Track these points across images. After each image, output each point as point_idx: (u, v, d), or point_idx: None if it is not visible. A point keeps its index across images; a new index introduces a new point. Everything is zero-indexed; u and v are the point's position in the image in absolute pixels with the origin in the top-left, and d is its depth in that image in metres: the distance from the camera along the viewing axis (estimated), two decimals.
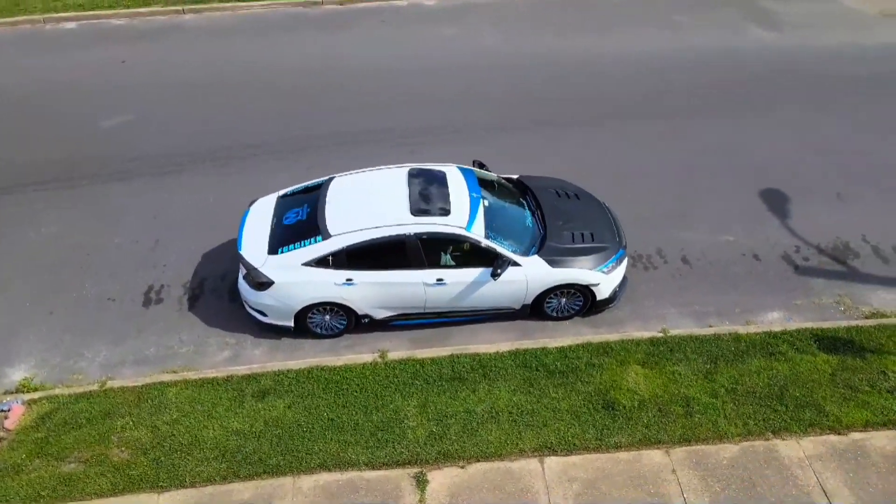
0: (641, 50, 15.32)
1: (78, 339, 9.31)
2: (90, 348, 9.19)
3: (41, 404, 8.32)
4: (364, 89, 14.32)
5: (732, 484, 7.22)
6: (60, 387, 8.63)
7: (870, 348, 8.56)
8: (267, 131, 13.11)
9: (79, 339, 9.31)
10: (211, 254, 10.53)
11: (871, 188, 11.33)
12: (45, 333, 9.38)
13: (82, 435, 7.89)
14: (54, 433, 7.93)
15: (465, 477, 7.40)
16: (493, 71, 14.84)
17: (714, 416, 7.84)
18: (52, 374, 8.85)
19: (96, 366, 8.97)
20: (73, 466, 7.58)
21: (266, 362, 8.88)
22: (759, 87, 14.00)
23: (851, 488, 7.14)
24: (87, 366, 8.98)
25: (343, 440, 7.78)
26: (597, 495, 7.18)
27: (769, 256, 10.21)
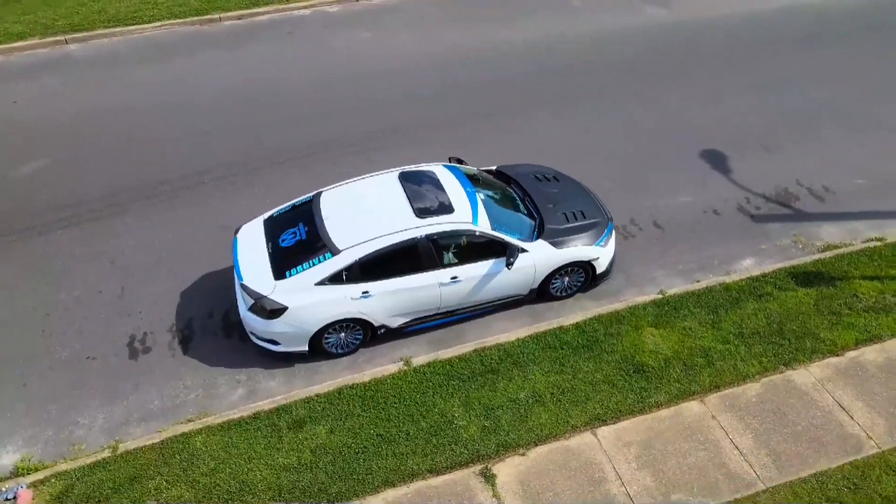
0: (548, 35, 15.98)
1: (66, 406, 8.42)
2: (84, 414, 8.34)
3: (51, 484, 7.47)
4: (296, 102, 13.90)
5: (766, 418, 7.88)
6: (65, 461, 7.79)
7: (837, 276, 9.60)
8: (206, 157, 12.39)
9: (67, 406, 8.42)
10: (188, 292, 9.87)
11: (787, 139, 12.60)
12: (26, 408, 8.40)
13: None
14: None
15: (528, 463, 7.54)
16: (418, 69, 14.90)
17: (732, 361, 8.50)
18: (49, 450, 7.96)
19: (97, 431, 8.17)
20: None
21: (289, 391, 8.50)
22: (666, 60, 15.08)
23: (863, 400, 8.03)
24: (87, 433, 8.15)
25: (399, 452, 7.65)
26: (655, 454, 7.57)
27: (726, 210, 11.12)
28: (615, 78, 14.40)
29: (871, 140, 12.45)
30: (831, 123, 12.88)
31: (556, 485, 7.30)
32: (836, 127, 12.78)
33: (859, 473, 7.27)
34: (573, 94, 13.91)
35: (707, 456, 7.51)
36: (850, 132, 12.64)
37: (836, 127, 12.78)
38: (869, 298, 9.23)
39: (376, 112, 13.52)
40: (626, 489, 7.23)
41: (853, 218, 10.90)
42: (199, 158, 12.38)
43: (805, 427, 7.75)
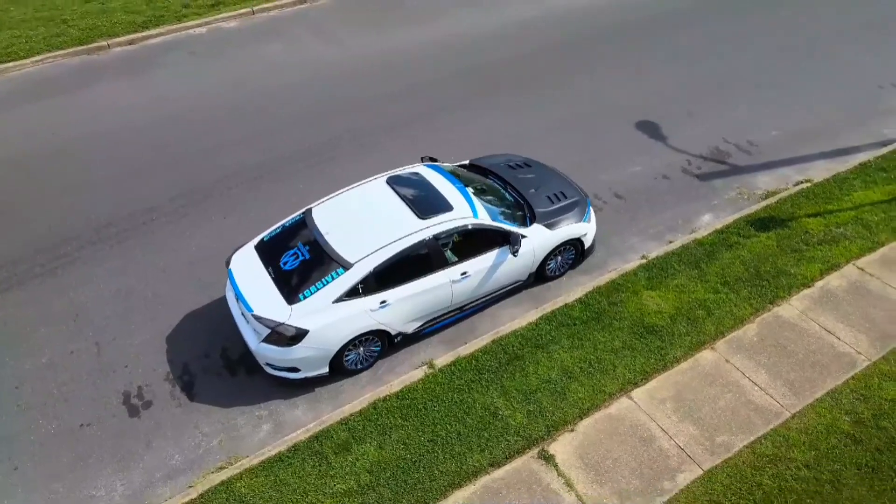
0: (460, 31, 16.32)
1: (74, 482, 7.59)
2: (98, 485, 7.57)
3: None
4: (226, 123, 13.24)
5: (771, 353, 8.63)
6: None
7: (786, 218, 10.64)
8: (146, 193, 11.53)
9: (75, 481, 7.59)
10: (174, 336, 9.19)
11: (705, 104, 13.69)
12: (26, 493, 7.48)
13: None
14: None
15: (580, 437, 7.78)
16: (341, 77, 14.69)
17: (727, 307, 9.20)
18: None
19: (120, 500, 7.45)
20: None
21: (318, 417, 8.19)
22: (580, 45, 15.87)
23: (842, 322, 9.00)
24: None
25: (455, 453, 7.62)
26: (688, 404, 8.07)
27: (673, 174, 11.94)
28: (537, 67, 14.95)
29: (773, 97, 13.80)
30: (739, 86, 14.15)
31: (611, 451, 7.60)
32: (743, 89, 14.07)
33: (862, 385, 8.18)
34: (501, 84, 14.30)
35: (734, 397, 8.13)
36: (755, 92, 13.96)
37: (743, 89, 14.07)
38: (818, 233, 10.32)
39: (314, 123, 13.21)
40: (675, 441, 7.68)
41: (779, 165, 12.09)
42: (139, 195, 11.51)
43: (805, 354, 8.59)
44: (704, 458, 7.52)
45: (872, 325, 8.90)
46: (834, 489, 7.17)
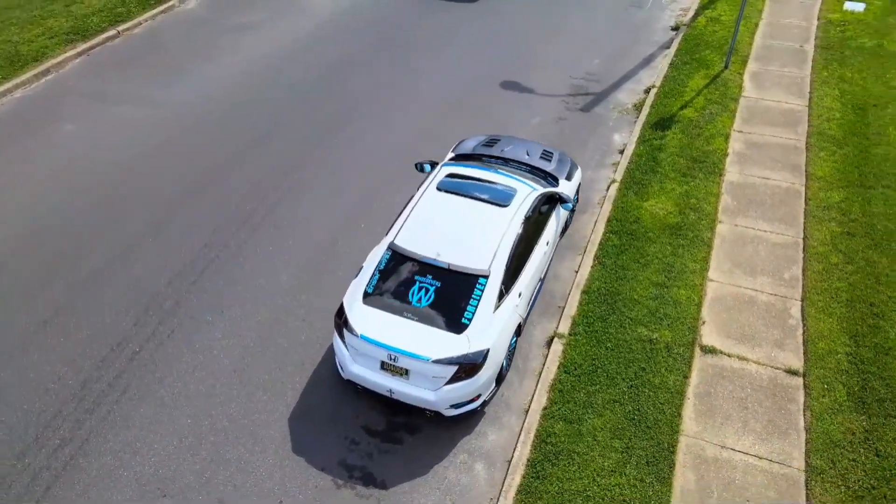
0: (258, 56, 15.56)
1: None
2: None
3: None
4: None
5: (749, 202, 10.92)
6: None
7: (668, 115, 13.09)
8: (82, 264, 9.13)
9: None
10: (300, 446, 7.81)
11: (531, 59, 15.59)
12: None
13: None
14: None
15: (712, 324, 9.02)
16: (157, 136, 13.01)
17: (702, 190, 11.21)
18: None
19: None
20: None
21: (514, 428, 7.98)
22: (390, 41, 16.39)
23: (764, 166, 11.74)
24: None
25: (655, 385, 8.25)
26: (746, 264, 9.90)
27: (565, 115, 13.56)
28: (352, 65, 15.16)
29: (569, 38, 16.34)
30: (542, 36, 16.36)
31: (740, 321, 9.05)
32: (546, 36, 16.32)
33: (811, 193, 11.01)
34: (364, 96, 14.27)
35: (763, 246, 10.20)
36: (557, 37, 16.31)
37: (546, 36, 16.32)
38: (698, 119, 12.98)
39: (152, 199, 11.66)
40: (766, 291, 9.45)
41: (620, 83, 14.59)
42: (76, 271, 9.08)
43: (765, 194, 11.09)
44: (789, 288, 9.45)
45: (779, 155, 11.83)
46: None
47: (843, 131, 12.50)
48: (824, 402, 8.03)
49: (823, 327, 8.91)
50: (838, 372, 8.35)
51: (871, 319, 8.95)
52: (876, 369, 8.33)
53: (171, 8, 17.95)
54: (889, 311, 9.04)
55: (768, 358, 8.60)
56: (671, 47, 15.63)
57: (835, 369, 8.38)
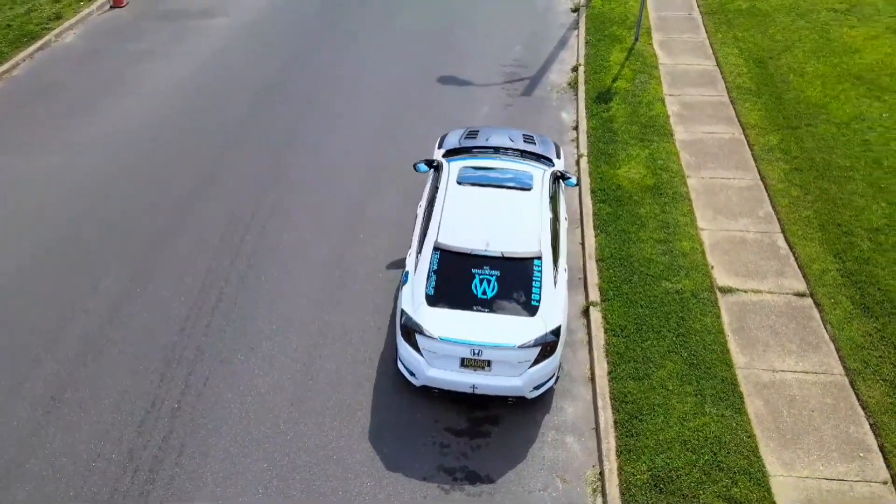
0: (172, 83, 14.65)
1: None
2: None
3: None
4: None
5: (705, 155, 12.00)
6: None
7: (606, 89, 13.96)
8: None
9: None
10: (390, 460, 7.62)
11: (462, 50, 15.90)
12: None
13: None
14: None
15: (720, 268, 9.85)
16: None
17: (663, 151, 12.11)
18: None
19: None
20: None
21: (587, 396, 8.30)
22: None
23: (707, 122, 12.91)
24: None
25: (692, 329, 8.90)
26: (726, 208, 10.88)
27: (510, 100, 14.00)
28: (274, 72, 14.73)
29: (483, 30, 16.84)
30: (454, 29, 16.75)
31: (739, 255, 9.97)
32: (458, 29, 16.72)
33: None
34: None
35: (731, 187, 11.27)
36: (466, 30, 16.77)
37: (458, 29, 16.72)
38: (633, 89, 13.95)
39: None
40: (752, 229, 10.47)
41: (547, 65, 15.32)
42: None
43: (713, 147, 12.24)
44: (768, 224, 10.52)
45: (712, 111, 13.08)
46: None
47: (755, 83, 14.03)
48: (836, 314, 9.10)
49: (810, 251, 10.06)
50: (836, 287, 9.48)
51: (844, 238, 10.22)
52: (865, 278, 9.56)
53: (47, 45, 16.28)
54: (854, 228, 10.36)
55: (777, 286, 9.57)
56: (579, 27, 16.61)
57: (832, 285, 9.51)
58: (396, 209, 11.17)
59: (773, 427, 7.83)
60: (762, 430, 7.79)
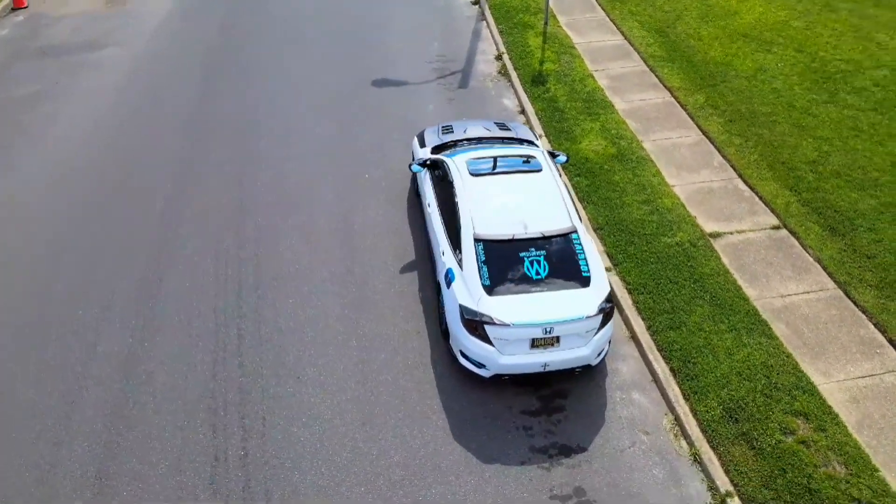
0: (83, 126, 13.44)
1: None
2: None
3: None
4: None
5: (649, 120, 12.96)
6: None
7: (537, 72, 14.58)
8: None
9: None
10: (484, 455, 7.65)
11: (385, 58, 15.82)
12: None
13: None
14: None
15: (701, 220, 10.75)
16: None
17: (612, 122, 12.91)
18: None
19: None
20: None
21: (634, 353, 8.80)
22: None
23: (638, 92, 13.91)
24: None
25: (690, 276, 9.70)
26: (684, 163, 11.85)
27: (451, 95, 14.20)
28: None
29: (395, 30, 16.88)
30: (366, 32, 16.66)
31: (712, 202, 10.93)
32: (370, 31, 16.66)
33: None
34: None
35: (685, 145, 12.29)
36: (378, 31, 16.73)
37: (370, 31, 16.66)
38: (563, 69, 14.68)
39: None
40: (720, 182, 11.50)
41: (471, 57, 15.67)
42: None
43: (652, 115, 13.26)
44: (725, 172, 11.60)
45: (637, 80, 14.13)
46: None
47: (664, 51, 15.29)
48: (811, 238, 10.28)
49: (769, 190, 11.24)
50: (801, 216, 10.69)
51: (791, 173, 11.52)
52: (821, 204, 10.85)
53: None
54: (796, 164, 11.71)
55: (754, 224, 10.62)
56: (487, 19, 17.15)
57: (798, 215, 10.72)
58: (385, 216, 11.05)
59: (801, 344, 8.76)
60: (793, 348, 8.69)
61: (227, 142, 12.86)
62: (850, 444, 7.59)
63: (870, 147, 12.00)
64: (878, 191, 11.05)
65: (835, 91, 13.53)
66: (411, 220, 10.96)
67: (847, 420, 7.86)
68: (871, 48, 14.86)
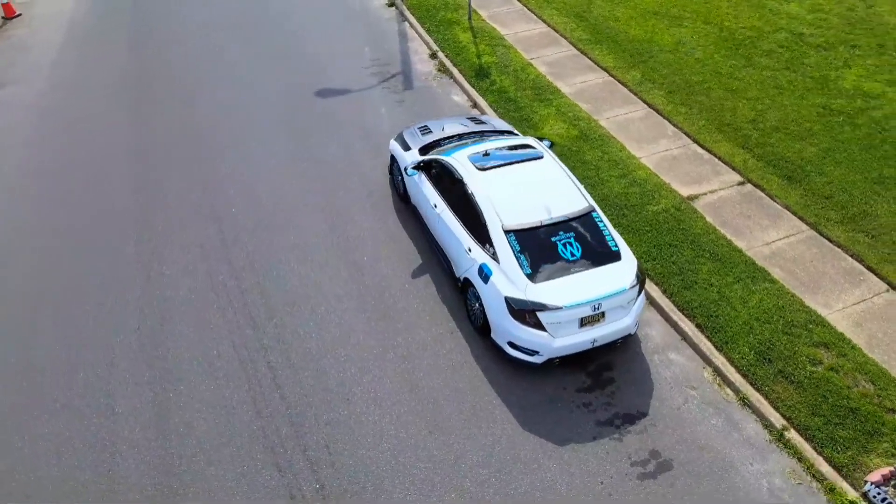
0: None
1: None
2: None
3: None
4: None
5: (595, 98, 13.58)
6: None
7: (477, 65, 14.80)
8: None
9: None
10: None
11: (324, 73, 15.39)
12: None
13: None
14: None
15: (666, 176, 11.46)
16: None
17: (565, 107, 13.39)
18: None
19: None
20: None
21: (671, 314, 9.27)
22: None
23: (577, 73, 14.53)
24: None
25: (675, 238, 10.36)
26: (638, 134, 12.53)
27: (401, 97, 14.11)
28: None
29: (319, 38, 16.49)
30: (289, 42, 16.14)
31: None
32: (293, 41, 16.16)
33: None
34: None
35: (625, 113, 12.99)
36: (302, 41, 16.29)
37: (293, 41, 16.16)
38: (500, 61, 14.99)
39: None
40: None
41: (405, 58, 15.64)
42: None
43: (598, 93, 13.91)
44: (681, 139, 12.40)
45: (573, 64, 14.76)
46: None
47: (589, 34, 16.01)
48: (774, 188, 11.24)
49: (724, 150, 12.14)
50: (759, 170, 11.66)
51: (737, 133, 12.50)
52: (772, 157, 11.88)
53: None
54: (739, 124, 12.73)
55: (722, 183, 11.46)
56: (409, 19, 17.15)
57: (756, 169, 11.67)
58: (376, 224, 10.86)
59: (798, 283, 9.60)
60: (794, 288, 9.51)
61: (183, 171, 12.07)
62: (869, 364, 8.46)
63: (795, 102, 13.28)
64: (814, 139, 12.27)
65: (749, 56, 14.82)
66: (405, 225, 10.85)
67: (859, 343, 8.74)
68: (767, 15, 16.38)
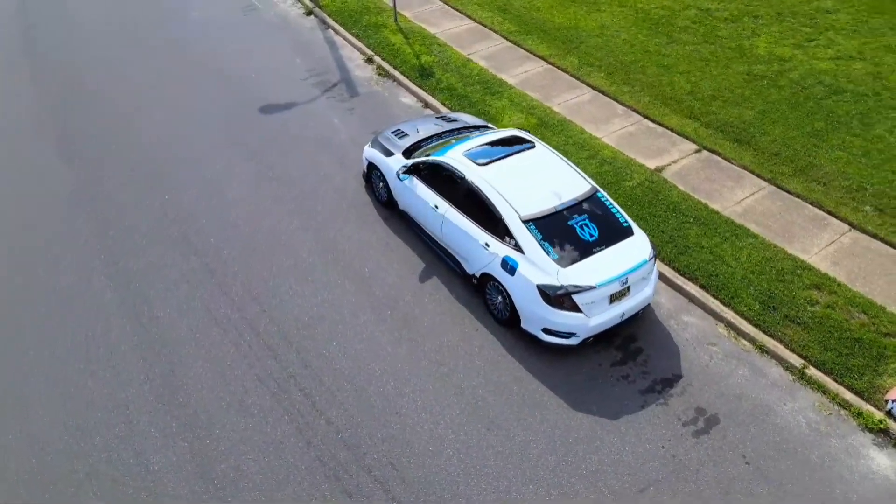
0: None
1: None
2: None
3: None
4: None
5: (542, 87, 13.98)
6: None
7: (423, 68, 14.80)
8: None
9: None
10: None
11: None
12: None
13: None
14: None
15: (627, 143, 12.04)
16: None
17: (516, 94, 13.67)
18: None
19: None
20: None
21: (675, 279, 9.74)
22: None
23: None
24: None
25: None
26: (601, 116, 13.07)
27: (351, 105, 13.83)
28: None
29: (243, 54, 15.83)
30: (211, 61, 15.39)
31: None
32: (214, 60, 15.45)
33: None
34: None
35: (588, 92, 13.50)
36: (225, 58, 15.60)
37: (214, 60, 15.45)
38: (435, 53, 15.06)
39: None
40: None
41: (342, 66, 15.34)
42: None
43: (542, 78, 14.34)
44: (630, 117, 13.04)
45: (509, 55, 15.10)
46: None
47: (517, 25, 16.40)
48: (728, 152, 12.07)
49: (674, 122, 12.89)
50: (710, 136, 12.47)
51: (680, 105, 13.31)
52: (718, 124, 12.75)
53: None
54: (680, 96, 13.54)
55: (681, 152, 12.17)
56: (333, 26, 16.84)
57: (708, 136, 12.48)
58: (368, 234, 10.66)
59: (775, 235, 10.39)
60: (773, 239, 10.29)
61: (145, 210, 11.21)
62: (857, 297, 9.33)
63: (722, 71, 14.31)
64: (748, 103, 13.29)
65: (669, 33, 15.78)
66: (396, 231, 10.71)
67: (843, 279, 9.61)
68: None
